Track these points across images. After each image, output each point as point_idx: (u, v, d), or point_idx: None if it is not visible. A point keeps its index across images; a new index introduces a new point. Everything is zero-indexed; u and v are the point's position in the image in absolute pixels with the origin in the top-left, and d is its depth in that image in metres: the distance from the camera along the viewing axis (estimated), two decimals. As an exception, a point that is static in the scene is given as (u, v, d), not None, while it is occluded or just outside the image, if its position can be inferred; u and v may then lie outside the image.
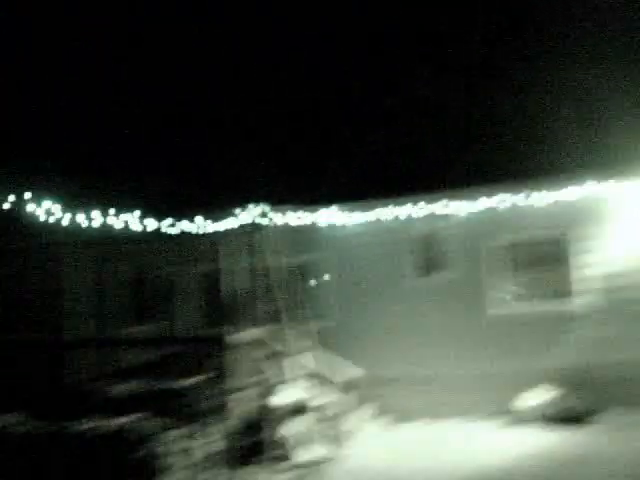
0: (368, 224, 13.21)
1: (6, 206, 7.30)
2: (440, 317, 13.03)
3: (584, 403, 11.54)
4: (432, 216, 12.88)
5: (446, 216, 12.88)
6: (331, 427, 9.65)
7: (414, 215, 12.83)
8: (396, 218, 12.94)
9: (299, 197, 12.09)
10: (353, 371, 11.82)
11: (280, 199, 11.61)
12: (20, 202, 7.18)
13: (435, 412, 12.57)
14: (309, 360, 10.01)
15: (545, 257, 12.87)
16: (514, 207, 12.44)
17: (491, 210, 12.59)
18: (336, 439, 9.78)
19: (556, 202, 12.16)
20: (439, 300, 13.10)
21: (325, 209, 12.69)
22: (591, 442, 10.27)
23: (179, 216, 10.31)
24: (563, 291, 12.63)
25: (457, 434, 11.47)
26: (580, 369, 12.04)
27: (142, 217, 9.43)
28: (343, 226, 13.28)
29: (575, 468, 8.95)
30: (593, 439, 10.43)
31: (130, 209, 9.34)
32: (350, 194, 12.92)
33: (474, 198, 12.55)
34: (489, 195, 12.43)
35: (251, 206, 10.99)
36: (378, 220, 13.07)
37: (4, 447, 9.11)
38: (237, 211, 10.57)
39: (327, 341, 12.78)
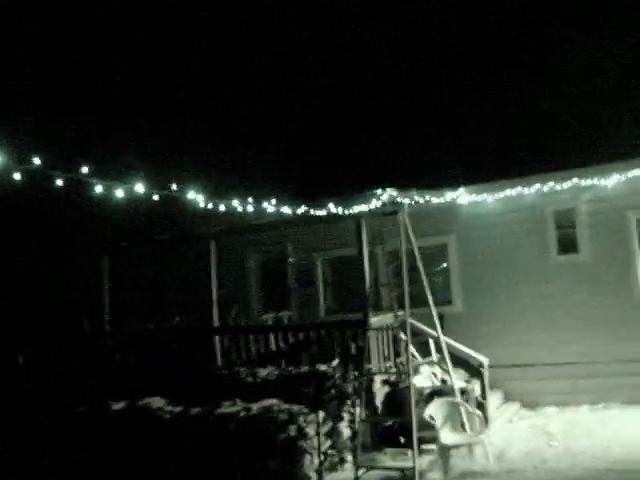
0: (496, 204, 12.97)
1: (157, 197, 7.51)
2: (577, 299, 12.52)
3: None
4: (571, 190, 12.45)
5: (585, 189, 12.43)
6: (472, 411, 9.56)
7: (547, 191, 12.45)
8: (527, 196, 12.63)
9: (424, 180, 11.96)
10: (479, 357, 11.68)
11: (406, 183, 11.49)
12: (173, 193, 7.42)
13: (567, 399, 12.24)
14: (441, 344, 9.95)
15: None
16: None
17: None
18: (478, 423, 9.68)
19: None
20: (576, 281, 12.60)
21: (452, 191, 12.55)
22: None
23: (312, 203, 10.35)
24: None
25: (594, 420, 11.15)
26: None
27: (277, 205, 9.54)
28: (469, 208, 13.11)
29: None
30: None
31: (265, 197, 9.45)
32: (477, 176, 12.70)
33: (607, 175, 12.09)
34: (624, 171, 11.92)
35: (379, 191, 10.91)
36: (507, 200, 12.80)
37: (155, 428, 9.56)
38: (371, 195, 10.54)
39: (451, 327, 12.69)
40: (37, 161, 5.43)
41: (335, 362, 9.99)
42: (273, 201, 9.36)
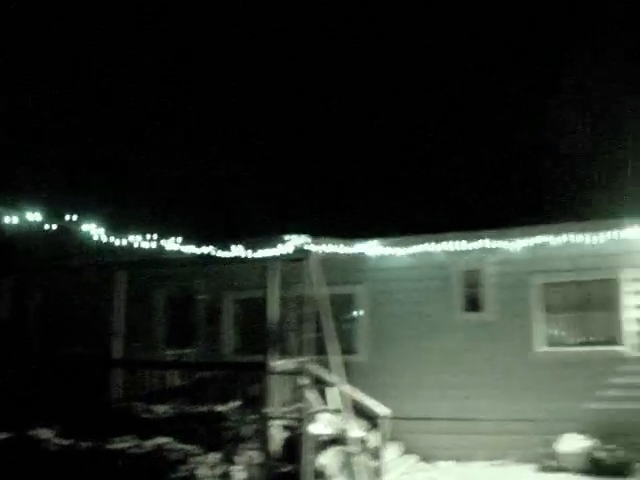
0: (407, 259, 13.23)
1: (56, 225, 7.41)
2: (478, 356, 12.78)
3: (624, 455, 11.24)
4: (479, 251, 12.82)
5: (494, 251, 12.82)
6: (368, 461, 9.57)
7: (458, 249, 12.78)
8: (437, 254, 12.94)
9: (338, 229, 12.10)
10: (380, 408, 11.74)
11: (319, 231, 11.56)
12: (74, 222, 7.33)
13: (465, 453, 12.42)
14: (343, 393, 9.96)
15: (595, 298, 12.52)
16: (567, 244, 12.26)
17: (544, 246, 12.42)
18: (372, 473, 9.70)
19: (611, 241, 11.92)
20: (480, 338, 12.87)
21: (364, 243, 12.73)
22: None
23: (218, 244, 10.27)
24: (612, 334, 12.21)
25: (486, 476, 11.34)
26: (618, 418, 11.76)
27: (183, 244, 9.44)
28: (381, 260, 13.32)
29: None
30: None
31: (170, 236, 9.35)
32: (390, 229, 12.93)
33: (516, 237, 12.51)
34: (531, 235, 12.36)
35: (293, 237, 10.94)
36: (417, 256, 13.08)
37: (41, 462, 9.21)
38: (279, 240, 10.55)
39: (355, 376, 12.75)
40: None
41: (234, 403, 9.89)
42: (179, 239, 9.27)
